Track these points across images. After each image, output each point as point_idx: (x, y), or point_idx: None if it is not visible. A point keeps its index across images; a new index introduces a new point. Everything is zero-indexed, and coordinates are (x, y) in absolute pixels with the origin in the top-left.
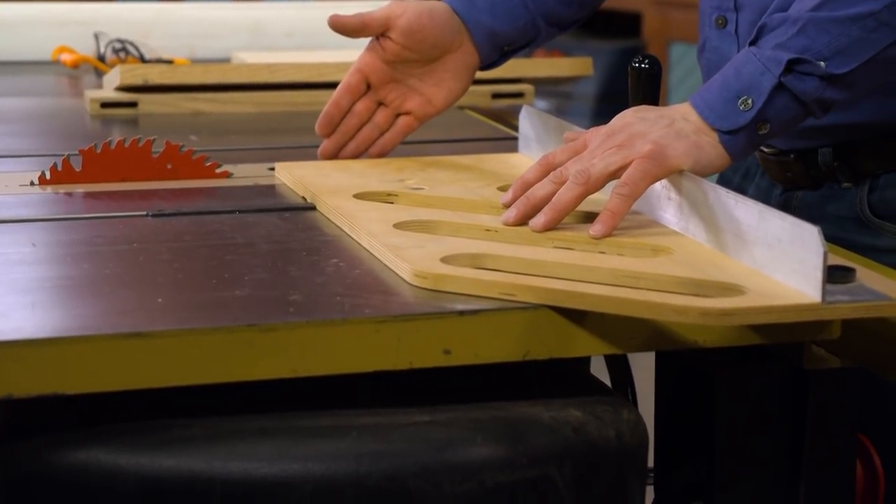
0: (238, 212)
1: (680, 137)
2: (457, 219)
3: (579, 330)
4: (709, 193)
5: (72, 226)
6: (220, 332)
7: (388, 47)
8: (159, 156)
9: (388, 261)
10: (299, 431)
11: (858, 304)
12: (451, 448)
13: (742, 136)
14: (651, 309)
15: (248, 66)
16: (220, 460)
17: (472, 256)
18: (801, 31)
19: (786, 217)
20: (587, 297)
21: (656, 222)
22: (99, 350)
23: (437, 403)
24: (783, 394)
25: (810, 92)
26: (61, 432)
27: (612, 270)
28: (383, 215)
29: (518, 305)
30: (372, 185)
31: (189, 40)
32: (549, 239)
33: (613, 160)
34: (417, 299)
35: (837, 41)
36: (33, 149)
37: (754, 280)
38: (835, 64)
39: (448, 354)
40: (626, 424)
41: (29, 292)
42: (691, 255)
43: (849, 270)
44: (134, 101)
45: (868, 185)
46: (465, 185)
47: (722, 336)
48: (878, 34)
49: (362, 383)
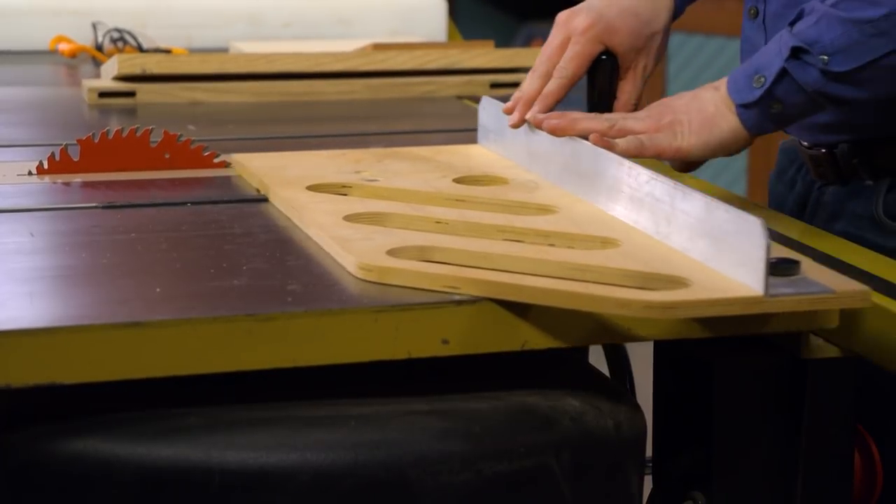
0: (190, 203)
1: (699, 112)
2: (409, 210)
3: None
4: (658, 186)
5: (70, 215)
6: (218, 321)
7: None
8: (157, 146)
9: (334, 253)
10: (297, 421)
11: (801, 297)
12: (448, 438)
13: (755, 112)
14: (594, 302)
15: (246, 56)
16: (218, 450)
17: (419, 249)
18: (817, 22)
19: (730, 209)
20: (530, 290)
21: (607, 214)
22: (97, 340)
23: (434, 393)
24: (781, 383)
25: (811, 83)
26: (59, 422)
27: (559, 263)
28: (335, 207)
29: (464, 298)
30: (327, 176)
31: (187, 30)
32: (500, 231)
33: (639, 125)
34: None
35: (841, 40)
36: (31, 138)
37: (700, 273)
38: (836, 61)
39: (446, 344)
40: (624, 414)
41: (27, 282)
42: (639, 248)
43: (793, 263)
44: (132, 90)
45: (887, 185)
46: (420, 177)
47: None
48: (878, 40)
49: (360, 373)
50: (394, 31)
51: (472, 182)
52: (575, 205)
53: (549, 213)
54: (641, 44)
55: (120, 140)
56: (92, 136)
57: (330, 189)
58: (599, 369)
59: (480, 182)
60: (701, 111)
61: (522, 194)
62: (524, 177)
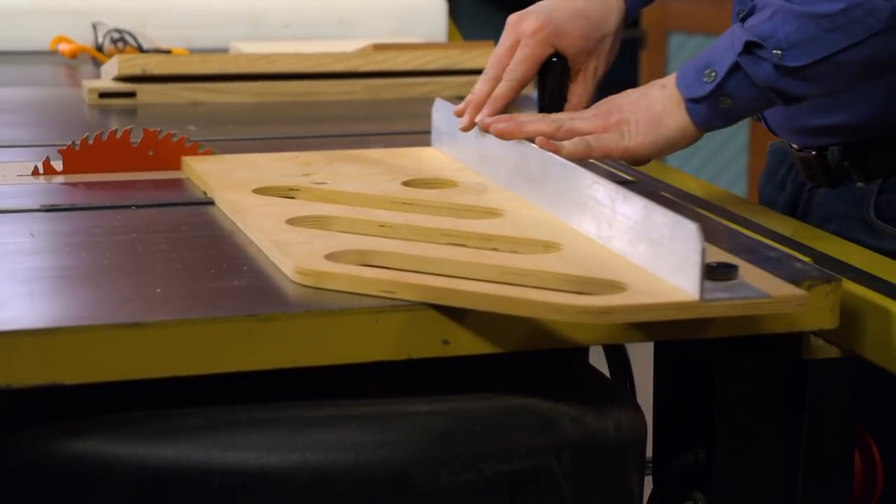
0: (134, 206)
1: (647, 110)
2: (353, 214)
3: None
4: (600, 189)
5: (70, 216)
6: (218, 322)
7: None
8: (139, 144)
9: (273, 257)
10: (298, 421)
11: (737, 302)
12: (449, 438)
13: (704, 107)
14: (529, 307)
15: (246, 57)
16: (218, 450)
17: (359, 253)
18: (772, 17)
19: (668, 213)
20: (466, 295)
21: (553, 218)
22: (97, 340)
23: (435, 394)
24: (781, 384)
25: (763, 78)
26: (60, 422)
27: (497, 267)
28: (279, 210)
29: (399, 304)
30: (275, 179)
31: (187, 30)
32: (444, 235)
33: (587, 125)
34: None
35: (796, 34)
36: (31, 139)
37: (638, 277)
38: (790, 56)
39: (447, 345)
40: (624, 415)
41: (27, 282)
42: (580, 252)
43: (731, 268)
44: (132, 91)
45: (878, 186)
46: (369, 180)
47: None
48: (832, 36)
49: (361, 373)
50: (394, 32)
51: (422, 185)
52: (522, 209)
53: (495, 216)
54: (591, 46)
55: (101, 144)
56: (73, 143)
57: (276, 192)
58: (600, 370)
59: (430, 185)
60: (648, 110)
61: (470, 198)
62: (474, 180)
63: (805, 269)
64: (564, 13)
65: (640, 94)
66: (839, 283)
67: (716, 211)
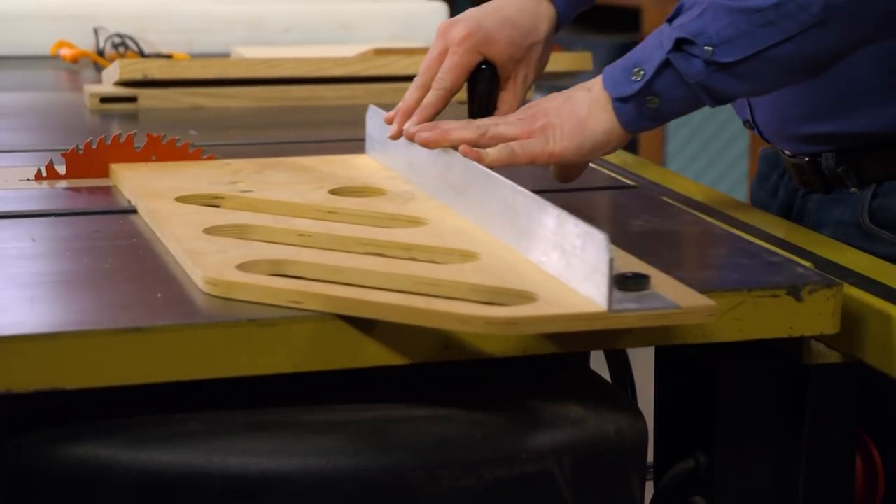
0: (55, 215)
1: (572, 114)
2: (273, 223)
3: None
4: (518, 198)
5: (71, 221)
6: (219, 326)
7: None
8: (143, 148)
9: (186, 266)
10: (298, 426)
11: (646, 313)
12: (450, 443)
13: (632, 106)
14: (435, 318)
15: (247, 61)
16: (219, 455)
17: (272, 262)
18: (702, 14)
19: (579, 223)
20: (374, 306)
21: (474, 227)
22: (98, 345)
23: (436, 398)
24: (783, 388)
25: (694, 75)
26: (60, 427)
27: (410, 277)
28: (199, 219)
29: (307, 314)
30: (201, 187)
31: (188, 35)
32: (362, 244)
33: (511, 130)
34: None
35: (727, 30)
36: (33, 144)
37: (550, 288)
38: (721, 52)
39: (447, 349)
40: (625, 419)
41: (28, 287)
42: (497, 262)
43: (642, 278)
44: (133, 95)
45: (872, 191)
46: (296, 188)
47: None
48: (764, 31)
49: (361, 378)
50: (395, 36)
51: (349, 193)
52: (445, 217)
53: (418, 225)
54: (521, 54)
55: (105, 148)
56: (76, 147)
57: (200, 200)
58: (600, 374)
59: (358, 193)
60: (573, 114)
61: (395, 206)
62: (402, 188)
63: (806, 273)
64: (493, 21)
65: (565, 98)
66: (840, 288)
67: (717, 215)
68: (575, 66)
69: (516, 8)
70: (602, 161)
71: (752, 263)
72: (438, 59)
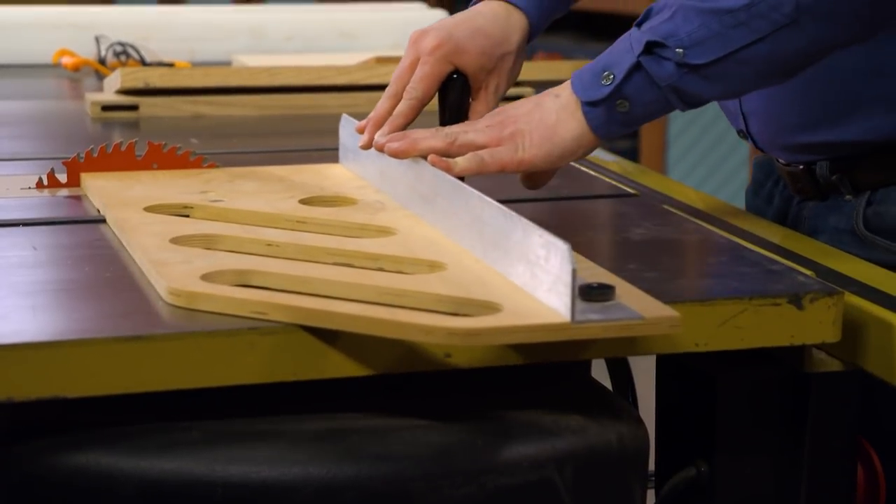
0: (22, 225)
1: (541, 122)
2: (241, 233)
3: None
4: (486, 209)
5: (73, 229)
6: (220, 335)
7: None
8: (144, 157)
9: (150, 277)
10: (300, 435)
11: (609, 324)
12: (451, 452)
13: (602, 110)
14: (398, 328)
15: (249, 70)
16: (220, 464)
17: (237, 273)
18: (672, 17)
19: (543, 234)
20: (337, 316)
21: (443, 237)
22: (100, 353)
23: (437, 407)
24: (784, 397)
25: (665, 77)
26: (62, 435)
27: (375, 288)
28: (167, 229)
29: (272, 325)
30: (171, 197)
31: (189, 43)
32: (330, 254)
33: (480, 138)
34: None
35: (698, 32)
36: (34, 152)
37: (515, 298)
38: (693, 54)
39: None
40: (626, 428)
41: (30, 295)
42: (463, 272)
43: (607, 288)
44: (135, 104)
45: (867, 199)
46: (266, 198)
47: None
48: (736, 32)
49: (362, 386)
50: (396, 45)
51: (320, 203)
52: (415, 228)
53: (387, 235)
54: (492, 64)
55: (106, 156)
56: (77, 156)
57: (169, 210)
58: (602, 383)
59: (330, 203)
60: (542, 121)
61: (365, 216)
62: (373, 198)
63: (807, 282)
64: (465, 31)
65: (534, 105)
66: (841, 297)
67: (718, 223)
68: None
69: (488, 18)
70: (603, 169)
71: (753, 272)
72: (410, 68)
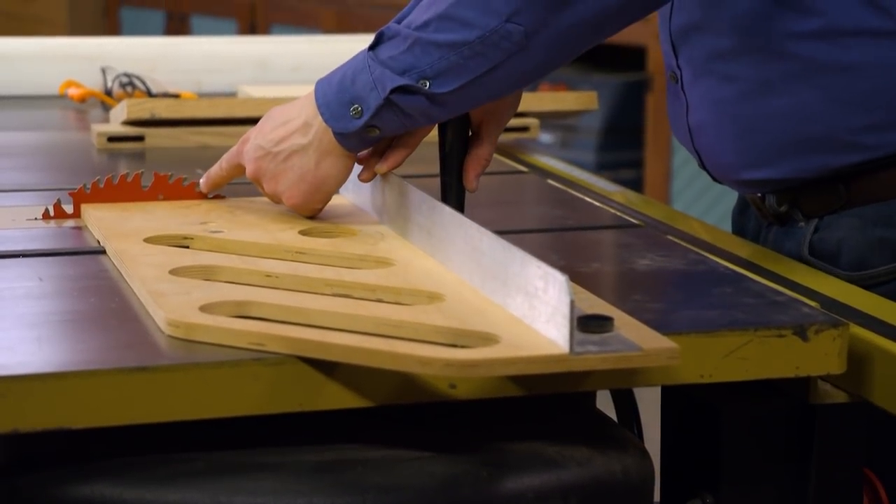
0: (22, 256)
1: (301, 181)
2: (240, 264)
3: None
4: (484, 240)
5: (78, 260)
6: (225, 366)
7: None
8: (149, 188)
9: (149, 308)
10: (304, 466)
11: (608, 356)
12: (456, 483)
13: (354, 138)
14: (396, 360)
15: (255, 100)
16: (224, 495)
17: (236, 304)
18: (410, 48)
19: (541, 265)
20: (334, 348)
21: (442, 268)
22: (105, 385)
23: (442, 438)
24: (789, 428)
25: (415, 108)
26: (67, 466)
27: (373, 319)
28: (166, 260)
29: (269, 356)
30: (170, 228)
31: (195, 75)
32: (328, 285)
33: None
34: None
35: (439, 63)
36: (40, 183)
37: (513, 329)
38: (437, 84)
39: (454, 388)
40: (631, 459)
41: (35, 326)
42: (462, 304)
43: (605, 320)
44: (141, 135)
45: (815, 225)
46: (265, 228)
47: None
48: (474, 62)
49: (368, 417)
50: None
51: (320, 234)
52: (414, 259)
53: (386, 266)
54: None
55: (112, 188)
56: (83, 186)
57: (169, 241)
58: (607, 414)
59: (328, 234)
60: (303, 179)
61: (365, 247)
62: (373, 229)
63: (812, 313)
64: None
65: (284, 159)
66: (846, 328)
67: (722, 254)
68: (580, 105)
69: None
70: (607, 200)
71: (758, 303)
72: None
